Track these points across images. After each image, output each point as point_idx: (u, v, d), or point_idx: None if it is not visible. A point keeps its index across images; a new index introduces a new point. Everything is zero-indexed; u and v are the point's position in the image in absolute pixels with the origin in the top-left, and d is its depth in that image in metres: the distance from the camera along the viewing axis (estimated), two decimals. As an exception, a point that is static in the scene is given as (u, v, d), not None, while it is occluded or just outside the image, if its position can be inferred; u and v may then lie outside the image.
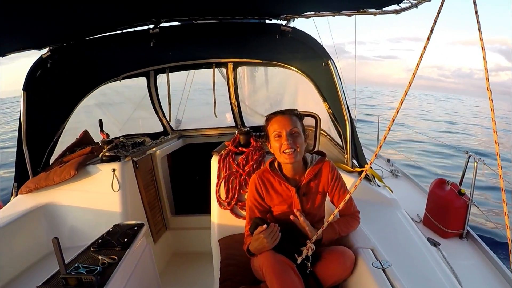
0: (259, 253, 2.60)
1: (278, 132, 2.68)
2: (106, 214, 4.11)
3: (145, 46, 4.50)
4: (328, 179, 2.86)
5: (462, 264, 4.34)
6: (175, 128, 6.42)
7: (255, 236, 2.58)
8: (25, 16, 3.13)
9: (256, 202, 2.90)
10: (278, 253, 2.52)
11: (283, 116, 2.71)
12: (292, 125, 2.67)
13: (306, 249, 2.57)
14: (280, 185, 2.84)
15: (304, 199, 2.85)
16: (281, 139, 2.66)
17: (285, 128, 2.65)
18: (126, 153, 4.49)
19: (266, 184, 2.88)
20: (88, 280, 2.23)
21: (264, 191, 2.87)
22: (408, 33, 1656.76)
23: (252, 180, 2.95)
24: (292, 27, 4.14)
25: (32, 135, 4.35)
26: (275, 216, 2.92)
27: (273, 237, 2.53)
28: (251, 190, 2.93)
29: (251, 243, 2.66)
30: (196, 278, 4.63)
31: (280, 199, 2.86)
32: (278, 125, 2.69)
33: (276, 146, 2.70)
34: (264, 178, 2.89)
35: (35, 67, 4.29)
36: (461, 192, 4.96)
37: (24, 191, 4.24)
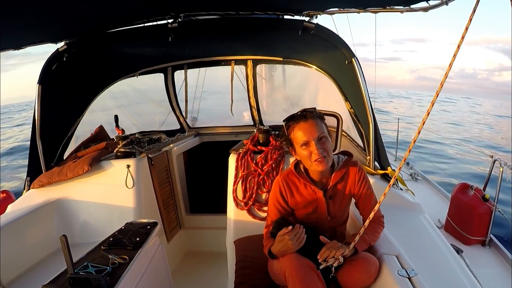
0: (282, 255, 2.47)
1: (305, 141, 2.51)
2: (119, 211, 4.04)
3: (163, 41, 4.41)
4: (355, 180, 2.73)
5: (485, 273, 4.20)
6: (192, 125, 6.34)
7: (279, 238, 2.46)
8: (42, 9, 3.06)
9: (279, 205, 2.77)
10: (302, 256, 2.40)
11: (307, 123, 2.53)
12: (319, 131, 2.50)
13: (333, 259, 2.42)
14: (306, 188, 2.71)
15: (331, 202, 2.72)
16: (309, 147, 2.51)
17: (313, 136, 2.48)
18: (141, 150, 4.41)
19: (291, 187, 2.74)
20: (97, 281, 2.12)
21: (288, 194, 2.74)
22: (410, 34, 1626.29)
23: (276, 182, 2.82)
24: (315, 23, 4.02)
25: (46, 129, 4.31)
26: (298, 219, 2.78)
27: (298, 239, 2.40)
28: (274, 192, 2.80)
29: (274, 245, 2.52)
30: (209, 279, 4.53)
31: (306, 202, 2.72)
32: (304, 133, 2.51)
33: (305, 154, 2.54)
34: (289, 181, 2.75)
35: (51, 61, 4.24)
36: (485, 198, 4.81)
37: (36, 186, 4.19)
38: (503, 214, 4.84)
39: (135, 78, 5.37)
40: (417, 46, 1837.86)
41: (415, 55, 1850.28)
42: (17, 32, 3.58)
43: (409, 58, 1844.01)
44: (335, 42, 3.92)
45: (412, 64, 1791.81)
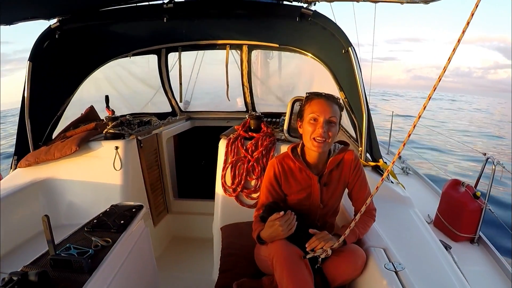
0: (271, 241, 2.43)
1: (315, 116, 2.48)
2: (106, 192, 4.00)
3: (158, 22, 4.36)
4: (350, 168, 2.70)
5: (472, 270, 4.19)
6: (184, 109, 6.30)
7: (269, 223, 2.42)
8: None
9: (272, 188, 2.73)
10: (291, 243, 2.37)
11: (326, 101, 2.50)
12: (332, 113, 2.47)
13: (321, 250, 2.39)
14: (301, 173, 2.68)
15: (325, 190, 2.69)
16: (316, 124, 2.48)
17: (324, 115, 2.45)
18: (131, 131, 4.37)
19: (286, 170, 2.71)
20: (78, 264, 2.07)
21: (283, 177, 2.70)
22: (406, 34, 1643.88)
23: (270, 164, 2.78)
24: (313, 10, 3.97)
25: (35, 107, 4.24)
26: (290, 205, 2.74)
27: (289, 225, 2.37)
28: (268, 175, 2.76)
29: (264, 230, 2.49)
30: (195, 264, 4.50)
31: (299, 187, 2.69)
32: (318, 108, 2.48)
33: (309, 130, 2.51)
34: (284, 164, 2.72)
35: (42, 38, 4.17)
36: (476, 195, 4.79)
37: (23, 165, 4.15)
38: (493, 212, 4.82)
39: (128, 58, 5.31)
40: (412, 45, 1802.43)
41: (411, 54, 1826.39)
42: (9, 7, 3.51)
43: (404, 58, 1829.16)
44: (333, 30, 3.87)
45: (408, 64, 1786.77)
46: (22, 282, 1.85)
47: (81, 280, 1.98)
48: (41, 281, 1.88)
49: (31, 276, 1.87)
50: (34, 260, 2.17)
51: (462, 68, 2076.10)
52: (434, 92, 1.78)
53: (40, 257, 2.20)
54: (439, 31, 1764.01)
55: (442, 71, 1.75)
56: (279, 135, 3.91)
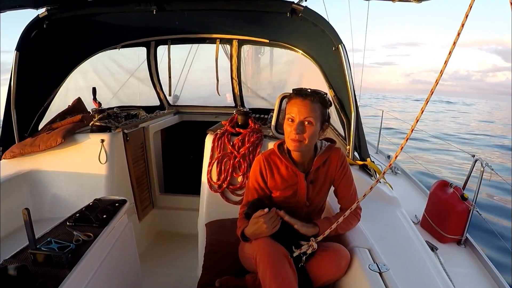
0: (255, 238, 2.41)
1: (291, 116, 2.45)
2: (91, 186, 3.98)
3: (147, 14, 4.31)
4: (337, 166, 2.68)
5: (458, 272, 4.18)
6: (173, 103, 6.27)
7: (253, 220, 2.40)
8: None
9: (257, 185, 2.70)
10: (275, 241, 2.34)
11: (303, 101, 2.45)
12: (307, 114, 2.42)
13: (307, 245, 2.38)
14: (287, 170, 2.65)
15: (311, 187, 2.66)
16: (292, 124, 2.45)
17: (299, 116, 2.42)
18: (118, 125, 4.34)
19: (272, 167, 2.68)
20: (58, 258, 2.05)
21: (268, 174, 2.68)
22: (403, 38, 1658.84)
23: (256, 161, 2.75)
24: (304, 6, 3.94)
25: (21, 98, 4.19)
26: (275, 202, 2.71)
27: (273, 223, 2.35)
28: (254, 171, 2.73)
29: (247, 227, 2.47)
30: (179, 260, 4.49)
31: (285, 184, 2.66)
32: (294, 109, 2.45)
33: (287, 130, 2.49)
34: (270, 160, 2.70)
35: (30, 27, 4.11)
36: (463, 197, 4.78)
37: (8, 156, 4.10)
38: (480, 214, 4.82)
39: (117, 50, 5.27)
40: (410, 50, 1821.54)
41: (409, 59, 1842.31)
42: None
43: (402, 62, 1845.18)
44: (323, 27, 3.84)
45: (406, 68, 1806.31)
46: (1, 276, 1.82)
47: (61, 275, 1.96)
48: (20, 276, 1.86)
49: (10, 271, 1.85)
50: (14, 254, 2.15)
51: (460, 72, 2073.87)
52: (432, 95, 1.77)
53: (20, 251, 2.19)
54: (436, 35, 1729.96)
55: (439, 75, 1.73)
56: (266, 131, 3.89)
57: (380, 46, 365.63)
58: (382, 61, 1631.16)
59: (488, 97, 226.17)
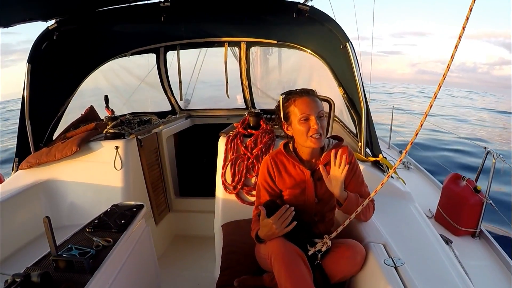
0: (269, 239, 2.44)
1: (306, 115, 2.46)
2: (107, 192, 4.01)
3: (156, 21, 4.36)
4: None
5: (474, 265, 4.18)
6: (184, 107, 6.30)
7: (263, 222, 2.43)
8: None
9: (267, 185, 2.73)
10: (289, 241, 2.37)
11: (311, 98, 2.51)
12: (320, 107, 2.49)
13: (321, 243, 2.42)
14: (294, 168, 2.68)
15: (319, 184, 2.67)
16: (309, 122, 2.46)
17: (314, 111, 2.46)
18: (131, 131, 4.37)
19: (279, 166, 2.71)
20: (79, 264, 2.09)
21: (276, 173, 2.71)
22: (411, 27, 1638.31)
23: (264, 161, 2.78)
24: (310, 5, 3.96)
25: (35, 109, 4.25)
26: (285, 201, 2.73)
27: (283, 223, 2.37)
28: (262, 172, 2.77)
29: (260, 229, 2.50)
30: (197, 262, 4.52)
31: (293, 182, 2.69)
32: (307, 107, 2.47)
33: (302, 130, 2.49)
34: (278, 160, 2.72)
35: (41, 39, 4.18)
36: (476, 189, 4.78)
37: (24, 167, 4.16)
38: (494, 206, 4.81)
39: (127, 58, 5.31)
40: (417, 39, 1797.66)
41: (415, 48, 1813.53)
42: (6, 9, 3.52)
43: (409, 52, 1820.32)
44: (330, 26, 3.86)
45: (412, 58, 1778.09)
46: (25, 283, 1.86)
47: (83, 280, 2.00)
48: (43, 282, 1.90)
49: (33, 277, 1.89)
50: (36, 262, 2.19)
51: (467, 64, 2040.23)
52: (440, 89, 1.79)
53: (42, 258, 2.23)
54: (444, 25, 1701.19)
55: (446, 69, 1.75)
56: (278, 131, 3.91)
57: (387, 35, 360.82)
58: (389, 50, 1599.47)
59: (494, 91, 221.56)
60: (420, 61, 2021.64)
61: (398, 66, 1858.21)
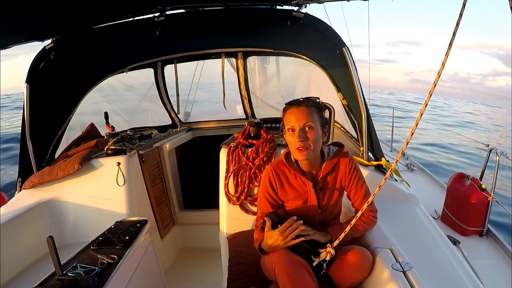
0: (272, 251, 2.43)
1: (291, 126, 2.46)
2: (111, 209, 4.00)
3: (151, 36, 4.36)
4: (346, 171, 2.66)
5: (483, 264, 4.17)
6: (184, 120, 6.31)
7: (268, 234, 2.42)
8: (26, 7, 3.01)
9: (269, 196, 2.71)
10: (292, 252, 2.35)
11: (298, 108, 2.48)
12: (306, 119, 2.43)
13: (325, 252, 2.39)
14: (296, 179, 2.66)
15: (321, 195, 2.66)
16: (294, 134, 2.45)
17: (298, 123, 2.43)
18: (132, 146, 4.38)
19: (280, 177, 2.69)
20: (85, 282, 2.08)
21: (278, 184, 2.68)
22: (405, 36, 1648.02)
23: (265, 172, 2.76)
24: (304, 12, 3.97)
25: (36, 128, 4.25)
26: (288, 212, 2.73)
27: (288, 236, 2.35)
28: (264, 183, 2.75)
29: (264, 241, 2.48)
30: (204, 275, 4.51)
31: (295, 194, 2.67)
32: (292, 118, 2.46)
33: (290, 141, 2.49)
34: (279, 171, 2.70)
35: (38, 59, 4.19)
36: (481, 188, 4.77)
37: (27, 186, 4.14)
38: (500, 204, 4.80)
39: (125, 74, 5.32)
40: (412, 49, 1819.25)
41: (410, 57, 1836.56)
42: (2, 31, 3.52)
43: (403, 61, 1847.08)
44: (325, 31, 3.87)
45: (406, 67, 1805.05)
46: (31, 303, 1.86)
47: None
48: (49, 302, 1.89)
49: (39, 298, 1.88)
50: (42, 282, 2.18)
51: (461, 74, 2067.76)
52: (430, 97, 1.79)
53: (48, 278, 2.22)
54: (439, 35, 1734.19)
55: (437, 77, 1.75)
56: (279, 140, 3.91)
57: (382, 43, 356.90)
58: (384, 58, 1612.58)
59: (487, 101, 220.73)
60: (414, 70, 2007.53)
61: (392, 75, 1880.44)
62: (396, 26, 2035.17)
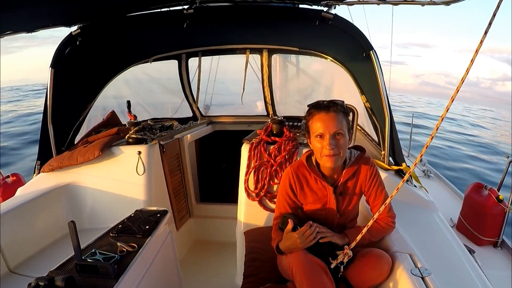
0: (289, 252, 2.42)
1: (320, 133, 2.42)
2: (129, 197, 4.01)
3: (178, 28, 4.37)
4: (366, 177, 2.65)
5: (496, 274, 4.14)
6: (205, 114, 6.29)
7: (286, 235, 2.41)
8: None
9: (288, 197, 2.70)
10: (310, 253, 2.34)
11: (328, 114, 2.42)
12: (337, 127, 2.39)
13: (343, 254, 2.39)
14: (316, 183, 2.64)
15: (340, 199, 2.65)
16: (323, 140, 2.42)
17: (329, 130, 2.39)
18: (153, 136, 4.38)
19: (301, 180, 2.67)
20: (104, 269, 2.09)
21: (298, 187, 2.67)
22: (416, 39, 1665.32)
23: (286, 173, 2.74)
24: (333, 13, 3.95)
25: (58, 113, 4.28)
26: (306, 214, 2.72)
27: (308, 238, 2.34)
28: (284, 184, 2.73)
29: (282, 241, 2.48)
30: (218, 269, 4.49)
31: (315, 197, 2.66)
32: (321, 124, 2.41)
33: (317, 147, 2.46)
34: (300, 173, 2.68)
35: (64, 44, 4.22)
36: (499, 199, 4.73)
37: (46, 170, 4.17)
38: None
39: (149, 64, 5.33)
40: (421, 51, 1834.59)
41: (420, 60, 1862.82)
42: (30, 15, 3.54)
43: (413, 63, 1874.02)
44: (353, 34, 3.85)
45: (416, 69, 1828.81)
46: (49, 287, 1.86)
47: (107, 286, 2.00)
48: (67, 287, 1.89)
49: (57, 281, 1.89)
50: (60, 265, 2.19)
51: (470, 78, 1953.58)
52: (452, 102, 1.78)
53: (66, 262, 2.23)
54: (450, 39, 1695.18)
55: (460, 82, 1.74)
56: (301, 139, 3.89)
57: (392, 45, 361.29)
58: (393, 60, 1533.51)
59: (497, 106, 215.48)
60: (424, 72, 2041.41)
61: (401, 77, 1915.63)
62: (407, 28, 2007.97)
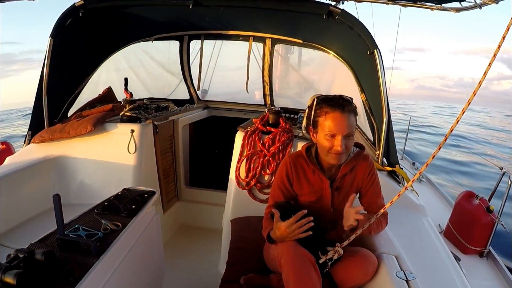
0: (280, 241, 2.39)
1: (332, 133, 2.38)
2: (118, 175, 3.99)
3: (183, 8, 4.31)
4: (364, 174, 2.64)
5: (480, 284, 4.16)
6: (202, 98, 6.27)
7: (276, 225, 2.37)
8: None
9: (283, 187, 2.68)
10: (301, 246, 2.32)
11: (343, 115, 2.38)
12: (349, 129, 2.38)
13: (333, 251, 2.36)
14: (314, 175, 2.62)
15: (336, 194, 2.64)
16: (333, 140, 2.39)
17: (342, 131, 2.36)
18: (148, 116, 4.36)
19: (298, 171, 2.65)
20: (86, 246, 2.05)
21: (295, 178, 2.65)
22: (410, 43, 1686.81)
23: (283, 163, 2.72)
24: (341, 8, 3.90)
25: (53, 84, 4.23)
26: (300, 205, 2.68)
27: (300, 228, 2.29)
28: (280, 173, 2.71)
29: (273, 230, 2.43)
30: (201, 255, 4.47)
31: (311, 189, 2.64)
32: (335, 125, 2.37)
33: (325, 144, 2.42)
34: (297, 164, 2.65)
35: (66, 15, 4.15)
36: (489, 209, 4.72)
37: (37, 140, 4.15)
38: (505, 228, 4.75)
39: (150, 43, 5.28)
40: (416, 55, 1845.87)
41: (414, 64, 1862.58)
42: None
43: (408, 68, 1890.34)
44: (359, 31, 3.80)
45: (412, 74, 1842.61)
46: (28, 260, 1.82)
47: (88, 263, 1.95)
48: (47, 261, 1.85)
49: (37, 255, 1.84)
50: (42, 239, 2.15)
51: (465, 79, 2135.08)
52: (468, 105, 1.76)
53: (48, 235, 2.19)
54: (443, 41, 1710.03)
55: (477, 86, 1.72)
56: (296, 131, 3.87)
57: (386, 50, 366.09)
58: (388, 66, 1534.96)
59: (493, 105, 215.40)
60: (419, 76, 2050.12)
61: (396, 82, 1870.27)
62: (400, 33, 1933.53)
